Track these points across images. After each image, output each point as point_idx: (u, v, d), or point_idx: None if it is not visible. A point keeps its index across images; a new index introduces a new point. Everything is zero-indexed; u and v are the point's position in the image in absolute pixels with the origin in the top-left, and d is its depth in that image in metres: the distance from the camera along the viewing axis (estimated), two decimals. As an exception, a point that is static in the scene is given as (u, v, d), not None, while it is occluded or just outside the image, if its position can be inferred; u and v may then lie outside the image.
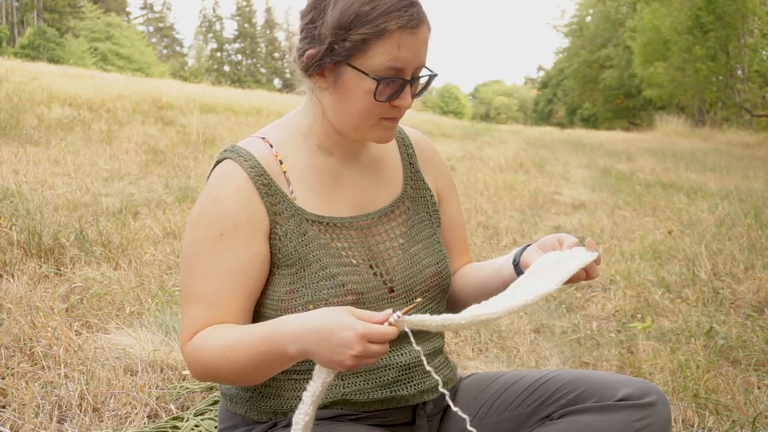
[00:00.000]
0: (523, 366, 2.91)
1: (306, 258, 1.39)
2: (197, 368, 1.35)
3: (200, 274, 1.36)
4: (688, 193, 7.89)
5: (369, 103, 1.35)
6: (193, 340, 1.35)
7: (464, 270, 1.64)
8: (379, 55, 1.31)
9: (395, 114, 1.38)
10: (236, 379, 1.34)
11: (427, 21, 1.36)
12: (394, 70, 1.33)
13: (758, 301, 3.70)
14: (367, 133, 1.40)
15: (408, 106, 1.37)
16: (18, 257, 3.67)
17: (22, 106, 10.64)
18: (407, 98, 1.36)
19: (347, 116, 1.38)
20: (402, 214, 1.53)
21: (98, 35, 47.57)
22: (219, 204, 1.37)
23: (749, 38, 22.50)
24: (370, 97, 1.34)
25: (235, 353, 1.29)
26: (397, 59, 1.32)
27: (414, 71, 1.36)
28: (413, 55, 1.33)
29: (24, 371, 2.48)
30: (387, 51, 1.31)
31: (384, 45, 1.31)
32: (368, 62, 1.32)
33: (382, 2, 1.30)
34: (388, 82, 1.33)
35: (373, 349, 1.17)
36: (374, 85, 1.32)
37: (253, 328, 1.30)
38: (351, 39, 1.31)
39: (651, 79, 29.40)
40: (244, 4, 70.93)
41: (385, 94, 1.35)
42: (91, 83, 15.56)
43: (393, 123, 1.40)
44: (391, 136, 1.42)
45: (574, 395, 1.41)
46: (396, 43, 1.31)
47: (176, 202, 5.69)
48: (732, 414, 2.39)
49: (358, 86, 1.34)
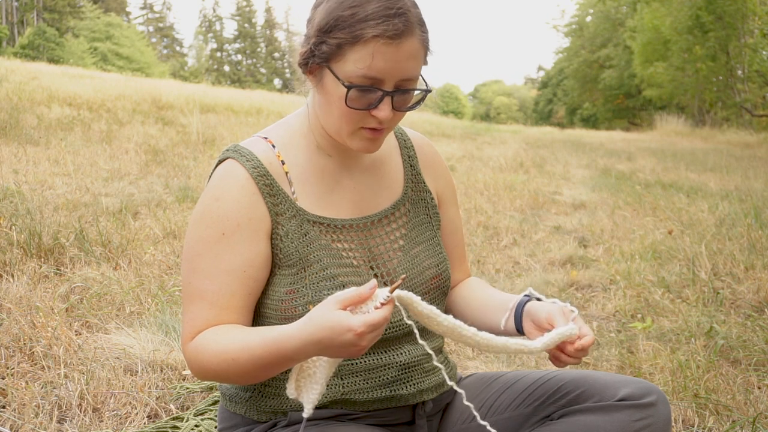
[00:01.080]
0: (523, 366, 2.91)
1: (307, 258, 1.39)
2: (198, 369, 1.35)
3: (202, 274, 1.36)
4: (688, 193, 7.89)
5: (344, 110, 1.32)
6: (195, 340, 1.35)
7: (465, 293, 1.63)
8: (353, 62, 1.28)
9: (375, 125, 1.34)
10: (238, 381, 1.34)
11: (419, 34, 1.30)
12: (369, 80, 1.29)
13: (758, 301, 3.70)
14: (347, 140, 1.37)
15: (387, 118, 1.31)
16: (18, 257, 3.67)
17: (22, 106, 10.65)
18: (384, 110, 1.31)
19: (329, 118, 1.37)
20: (402, 216, 1.53)
21: (98, 35, 47.59)
22: (221, 203, 1.37)
23: (749, 38, 22.51)
24: (344, 103, 1.31)
25: (238, 361, 1.28)
26: (372, 68, 1.27)
27: (399, 83, 1.31)
28: (392, 66, 1.28)
29: (24, 371, 2.48)
30: (361, 59, 1.27)
31: (358, 52, 1.27)
32: (343, 68, 1.29)
33: (364, 9, 1.27)
34: (361, 90, 1.29)
35: (377, 334, 1.18)
36: (346, 92, 1.30)
37: (256, 337, 1.28)
38: (328, 42, 1.29)
39: (651, 79, 29.42)
40: (244, 4, 70.94)
41: (360, 102, 1.31)
42: (91, 83, 15.56)
43: (375, 135, 1.35)
44: (373, 147, 1.38)
45: (575, 395, 1.41)
46: (370, 52, 1.26)
47: (176, 202, 5.69)
48: (732, 414, 2.39)
49: (335, 91, 1.32)
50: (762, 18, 20.69)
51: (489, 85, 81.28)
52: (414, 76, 1.33)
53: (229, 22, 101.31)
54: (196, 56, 69.83)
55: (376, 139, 1.37)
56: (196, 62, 68.62)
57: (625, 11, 38.00)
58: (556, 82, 54.20)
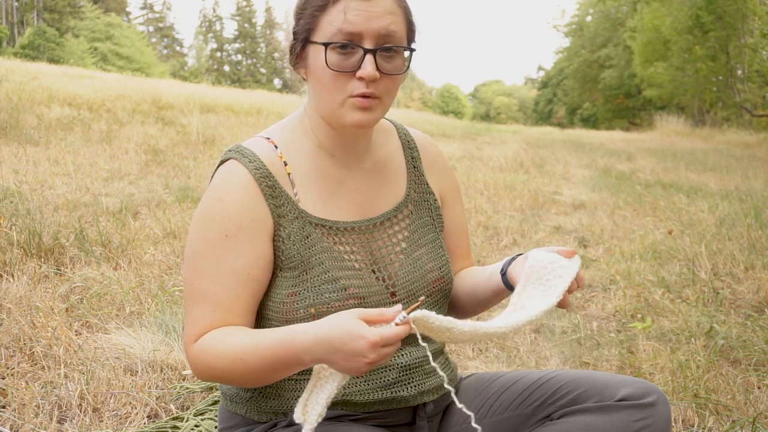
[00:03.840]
0: (523, 366, 2.91)
1: (309, 261, 1.39)
2: (203, 370, 1.35)
3: (204, 275, 1.35)
4: (688, 193, 7.89)
5: (329, 77, 1.32)
6: (200, 342, 1.34)
7: (461, 272, 1.64)
8: (328, 23, 1.31)
9: (362, 89, 1.32)
10: (244, 383, 1.34)
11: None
12: (345, 35, 1.30)
13: (758, 301, 3.70)
14: (340, 115, 1.35)
15: (371, 76, 1.30)
16: (18, 257, 3.67)
17: (22, 106, 10.65)
18: (367, 68, 1.30)
19: (321, 99, 1.37)
20: (405, 218, 1.52)
21: (98, 35, 47.58)
22: (224, 205, 1.36)
23: (749, 38, 22.50)
24: (327, 69, 1.32)
25: (246, 360, 1.28)
26: (346, 23, 1.29)
27: (378, 41, 1.31)
28: (365, 20, 1.29)
29: (24, 371, 2.48)
30: (334, 18, 1.30)
31: (330, 13, 1.31)
32: (321, 34, 1.33)
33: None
34: (340, 48, 1.31)
35: (386, 352, 1.16)
36: (325, 53, 1.31)
37: (264, 337, 1.28)
38: (305, 17, 1.34)
39: (651, 79, 29.42)
40: (244, 4, 70.93)
41: (341, 64, 1.31)
42: (91, 83, 15.55)
43: (366, 102, 1.33)
44: (366, 118, 1.35)
45: (574, 395, 1.41)
46: (342, 9, 1.30)
47: (176, 202, 5.69)
48: (732, 414, 2.39)
49: (317, 60, 1.34)
50: (762, 18, 20.69)
51: (489, 85, 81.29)
52: (393, 33, 1.33)
53: (229, 22, 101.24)
54: (196, 56, 69.87)
55: (368, 109, 1.34)
56: (196, 62, 68.64)
57: (625, 11, 37.99)
58: (556, 82, 54.20)
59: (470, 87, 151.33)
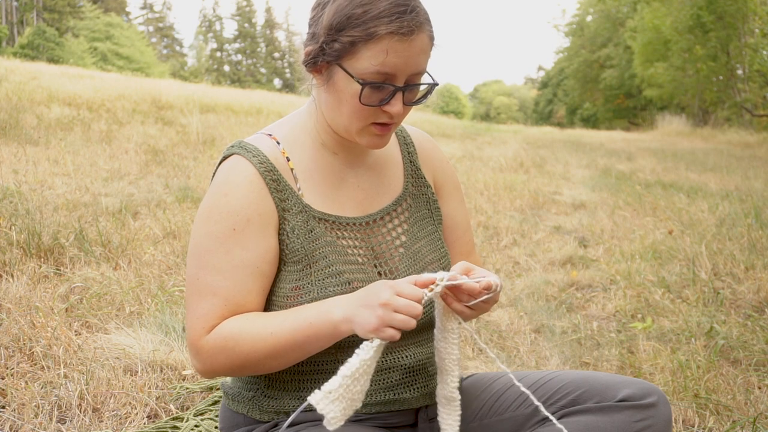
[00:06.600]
0: (524, 366, 2.91)
1: (312, 255, 1.39)
2: (222, 360, 1.33)
3: (213, 269, 1.35)
4: (688, 193, 7.89)
5: (356, 106, 1.33)
6: (215, 332, 1.33)
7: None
8: (367, 59, 1.29)
9: (385, 120, 1.35)
10: (265, 365, 1.33)
11: (428, 29, 1.32)
12: (382, 75, 1.30)
13: (758, 301, 3.69)
14: (356, 136, 1.39)
15: (399, 113, 1.34)
16: (18, 257, 3.67)
17: (22, 106, 10.64)
18: (396, 105, 1.33)
19: (338, 116, 1.38)
20: (404, 212, 1.53)
21: (98, 35, 47.58)
22: (230, 199, 1.36)
23: (750, 38, 22.52)
24: (356, 100, 1.32)
25: (276, 335, 1.30)
26: (385, 65, 1.29)
27: (409, 78, 1.33)
28: (404, 62, 1.30)
29: (23, 371, 2.47)
30: (375, 55, 1.28)
31: (372, 49, 1.28)
32: (356, 65, 1.30)
33: (376, 6, 1.28)
34: (375, 87, 1.31)
35: (407, 308, 1.20)
36: (360, 88, 1.31)
37: (291, 310, 1.34)
38: (341, 40, 1.30)
39: (651, 79, 29.42)
40: (244, 4, 70.94)
41: (373, 98, 1.33)
42: (91, 83, 15.54)
43: (384, 130, 1.37)
44: (382, 143, 1.40)
45: (575, 396, 1.41)
46: (384, 48, 1.28)
47: (176, 202, 5.69)
48: (732, 414, 2.38)
49: (347, 88, 1.33)
50: (762, 18, 20.71)
51: (489, 85, 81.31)
52: (423, 71, 1.35)
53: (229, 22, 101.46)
54: (196, 56, 69.88)
55: (385, 135, 1.39)
56: (196, 62, 68.67)
57: (625, 11, 38.00)
58: (557, 82, 54.21)
59: (470, 87, 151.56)
